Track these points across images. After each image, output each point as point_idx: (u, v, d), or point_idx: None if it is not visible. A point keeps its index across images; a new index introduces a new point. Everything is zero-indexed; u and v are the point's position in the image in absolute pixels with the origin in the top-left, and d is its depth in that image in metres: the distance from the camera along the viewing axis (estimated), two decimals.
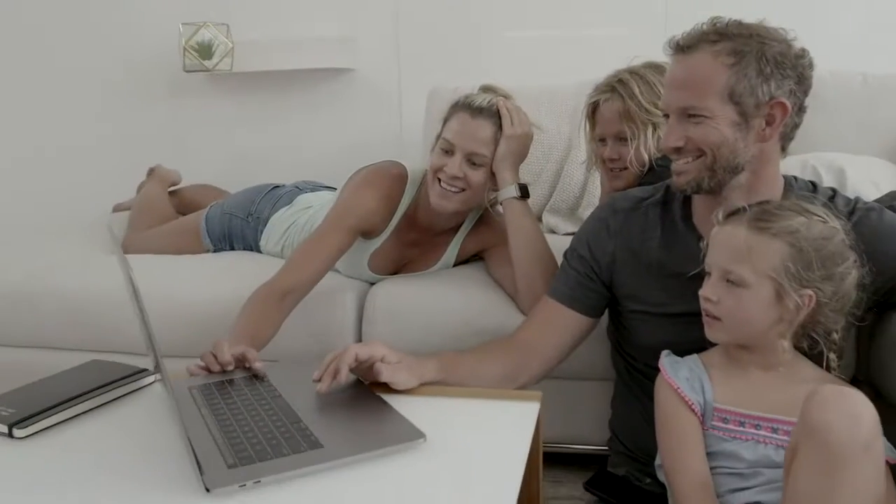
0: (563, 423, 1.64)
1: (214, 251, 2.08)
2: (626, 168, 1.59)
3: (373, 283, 1.75)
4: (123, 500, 0.79)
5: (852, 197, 1.25)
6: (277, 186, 2.14)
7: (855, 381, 1.54)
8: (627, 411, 1.34)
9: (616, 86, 1.59)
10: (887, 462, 1.02)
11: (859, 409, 0.87)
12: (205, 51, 2.79)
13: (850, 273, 1.06)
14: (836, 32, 2.40)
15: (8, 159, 3.12)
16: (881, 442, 0.88)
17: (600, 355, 1.47)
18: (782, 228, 1.03)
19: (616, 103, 1.57)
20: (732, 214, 1.10)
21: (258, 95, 2.93)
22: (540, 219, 2.16)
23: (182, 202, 2.51)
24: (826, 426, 0.87)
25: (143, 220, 2.30)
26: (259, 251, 2.04)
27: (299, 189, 2.12)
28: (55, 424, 0.99)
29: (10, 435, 0.95)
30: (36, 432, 0.96)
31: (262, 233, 2.03)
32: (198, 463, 0.81)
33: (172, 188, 2.58)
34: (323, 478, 0.83)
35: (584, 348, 1.39)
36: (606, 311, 1.38)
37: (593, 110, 1.64)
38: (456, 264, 1.80)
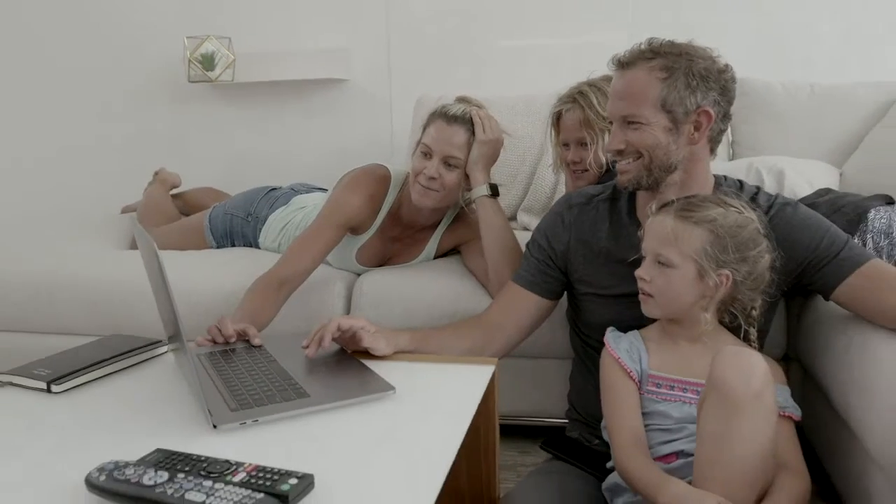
0: (530, 398, 1.82)
1: (217, 248, 2.26)
2: (586, 170, 1.77)
3: (360, 274, 1.93)
4: (146, 436, 0.97)
5: (773, 194, 1.43)
6: (275, 188, 2.31)
7: (786, 359, 1.72)
8: (582, 383, 1.51)
9: (577, 97, 1.76)
10: (791, 418, 1.20)
11: (752, 366, 1.04)
12: (208, 62, 2.97)
13: (763, 257, 1.23)
14: (787, 45, 2.59)
15: (30, 159, 3.31)
16: (771, 393, 1.05)
17: (561, 337, 1.64)
18: (703, 217, 1.21)
19: (577, 112, 1.75)
20: (664, 206, 1.28)
21: (258, 104, 3.11)
22: (515, 217, 2.34)
23: (186, 203, 2.68)
24: (724, 379, 1.04)
25: (150, 220, 2.47)
26: (258, 247, 2.21)
27: (295, 191, 2.30)
28: (85, 383, 1.17)
29: (49, 390, 1.13)
30: (69, 388, 1.15)
31: (260, 231, 2.21)
32: (207, 407, 0.99)
33: (174, 191, 2.75)
34: (309, 420, 1.01)
35: (547, 330, 1.57)
36: (566, 296, 1.56)
37: (557, 118, 1.82)
38: (436, 257, 1.98)
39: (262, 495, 0.75)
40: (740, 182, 1.46)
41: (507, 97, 2.38)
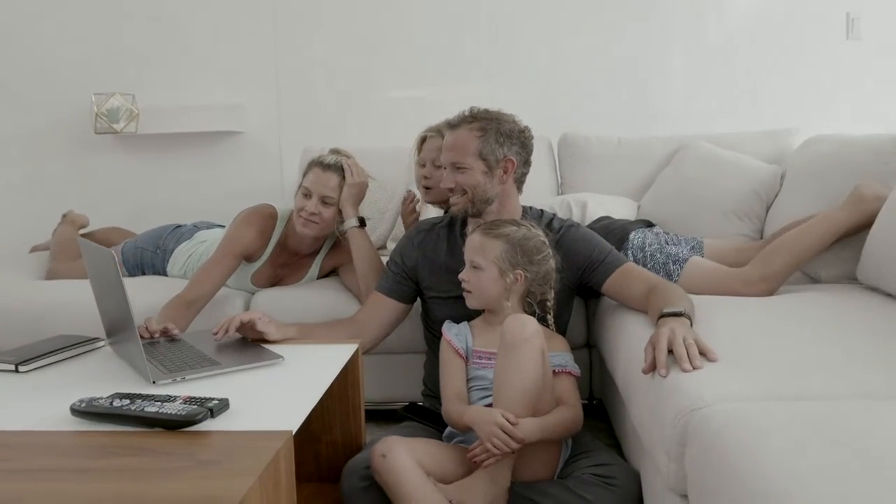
0: (392, 386, 2.26)
1: (130, 276, 2.61)
2: (432, 188, 2.22)
3: (254, 293, 2.34)
4: (102, 390, 1.35)
5: (564, 219, 1.96)
6: (180, 225, 2.68)
7: (589, 346, 2.25)
8: (431, 367, 1.96)
9: (440, 129, 2.22)
10: (571, 374, 1.69)
11: (524, 322, 1.52)
12: (113, 116, 3.31)
13: (548, 261, 1.73)
14: (598, 107, 3.25)
15: None
16: (539, 341, 1.50)
17: (417, 335, 2.10)
18: (500, 233, 1.70)
19: (437, 140, 2.18)
20: (476, 227, 1.78)
21: (160, 153, 3.45)
22: (385, 246, 2.80)
23: (95, 241, 2.99)
24: (505, 330, 1.51)
25: (64, 256, 2.78)
26: (167, 275, 2.58)
27: (197, 227, 2.68)
28: (45, 365, 1.54)
29: (17, 371, 1.49)
30: (32, 369, 1.51)
31: (168, 261, 2.57)
32: (148, 368, 1.39)
33: (83, 230, 3.05)
34: (221, 379, 1.42)
35: (408, 330, 2.03)
36: (419, 301, 2.02)
37: (422, 142, 2.28)
38: (318, 278, 2.41)
39: (196, 406, 1.17)
40: (541, 211, 1.99)
41: (380, 147, 2.86)
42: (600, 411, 2.26)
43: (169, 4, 3.41)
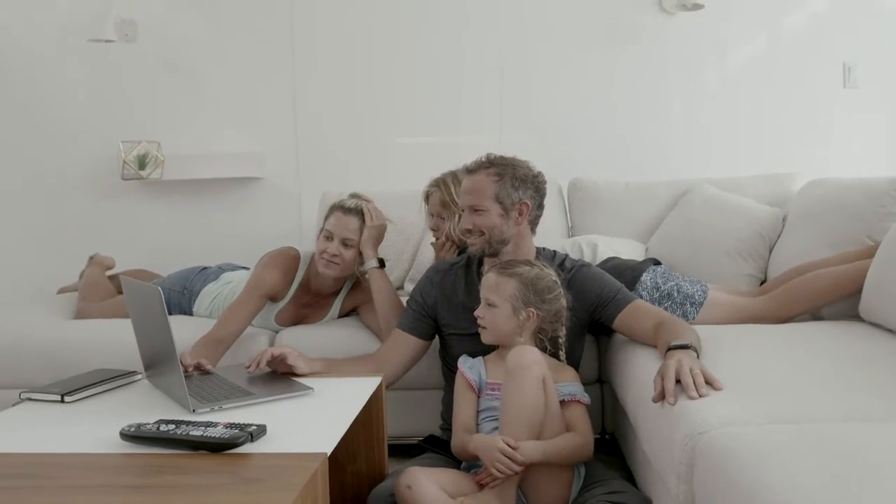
0: (411, 421, 2.31)
1: None
2: (447, 239, 2.32)
3: (277, 332, 2.43)
4: (146, 418, 1.44)
5: (576, 259, 2.06)
6: (206, 267, 2.78)
7: (600, 381, 2.33)
8: (449, 401, 2.05)
9: (440, 183, 2.35)
10: (580, 402, 1.76)
11: (525, 351, 1.63)
12: (140, 163, 3.45)
13: (559, 300, 1.82)
14: (609, 152, 3.38)
15: None
16: (539, 369, 1.59)
17: (435, 371, 2.18)
18: (514, 272, 1.80)
19: (438, 195, 2.33)
20: (492, 267, 1.88)
21: (184, 198, 3.58)
22: (403, 286, 2.90)
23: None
24: (508, 359, 1.62)
25: (92, 296, 2.88)
26: (192, 315, 2.68)
27: (222, 269, 2.78)
28: (88, 396, 1.63)
29: (62, 400, 1.59)
30: (77, 399, 1.60)
31: (194, 302, 2.67)
32: (189, 397, 1.48)
33: (109, 272, 3.16)
34: (255, 408, 1.51)
35: (426, 367, 2.11)
36: (438, 339, 2.11)
37: (426, 197, 2.42)
38: (339, 317, 2.51)
39: (237, 430, 1.26)
40: (554, 251, 2.09)
41: (394, 191, 2.97)
42: (613, 446, 2.33)
43: (193, 58, 3.57)
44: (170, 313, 2.68)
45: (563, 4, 3.47)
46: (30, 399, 1.62)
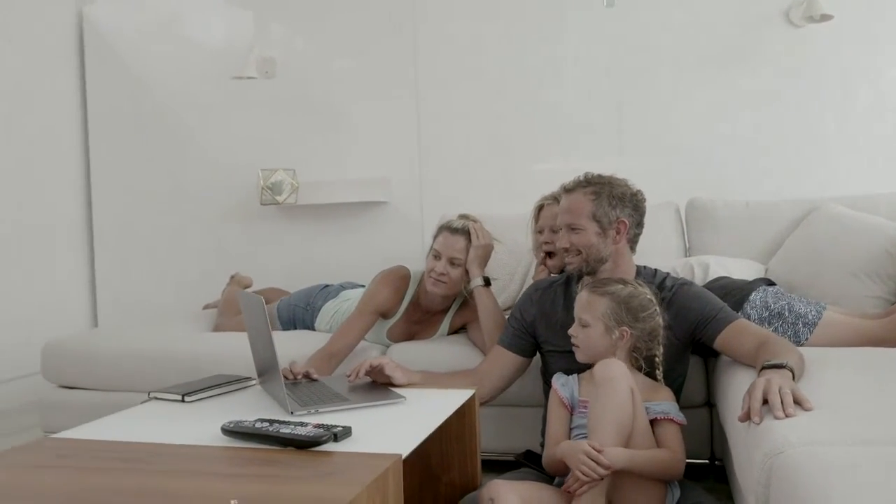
0: (512, 437, 2.33)
1: (283, 330, 2.91)
2: (554, 253, 2.36)
3: (388, 346, 2.54)
4: (249, 416, 1.56)
5: (678, 277, 2.03)
6: (328, 285, 2.97)
7: (709, 404, 2.26)
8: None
9: (556, 196, 2.39)
10: (674, 421, 1.73)
11: (611, 364, 1.63)
12: (277, 189, 3.71)
13: (653, 318, 1.80)
14: (728, 170, 3.26)
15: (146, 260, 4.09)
16: (625, 381, 1.59)
17: (537, 389, 2.21)
18: (605, 291, 1.80)
19: (554, 207, 2.35)
20: (585, 285, 1.88)
21: (315, 221, 3.82)
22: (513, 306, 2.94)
23: None
24: (595, 372, 1.63)
25: (230, 311, 3.14)
26: (314, 330, 2.85)
27: (343, 287, 2.95)
28: (206, 398, 1.80)
29: (183, 400, 1.76)
30: (195, 400, 1.77)
31: (316, 317, 2.85)
32: (287, 401, 1.60)
33: (247, 289, 3.42)
34: (348, 413, 1.61)
35: (528, 384, 2.14)
36: (538, 356, 2.13)
37: (539, 210, 2.46)
38: (449, 334, 2.58)
39: (323, 430, 1.35)
40: (655, 270, 2.06)
41: (510, 214, 3.02)
42: (723, 473, 2.25)
43: (324, 91, 3.81)
44: (294, 328, 2.95)
45: (683, 23, 3.42)
46: (156, 398, 1.81)
